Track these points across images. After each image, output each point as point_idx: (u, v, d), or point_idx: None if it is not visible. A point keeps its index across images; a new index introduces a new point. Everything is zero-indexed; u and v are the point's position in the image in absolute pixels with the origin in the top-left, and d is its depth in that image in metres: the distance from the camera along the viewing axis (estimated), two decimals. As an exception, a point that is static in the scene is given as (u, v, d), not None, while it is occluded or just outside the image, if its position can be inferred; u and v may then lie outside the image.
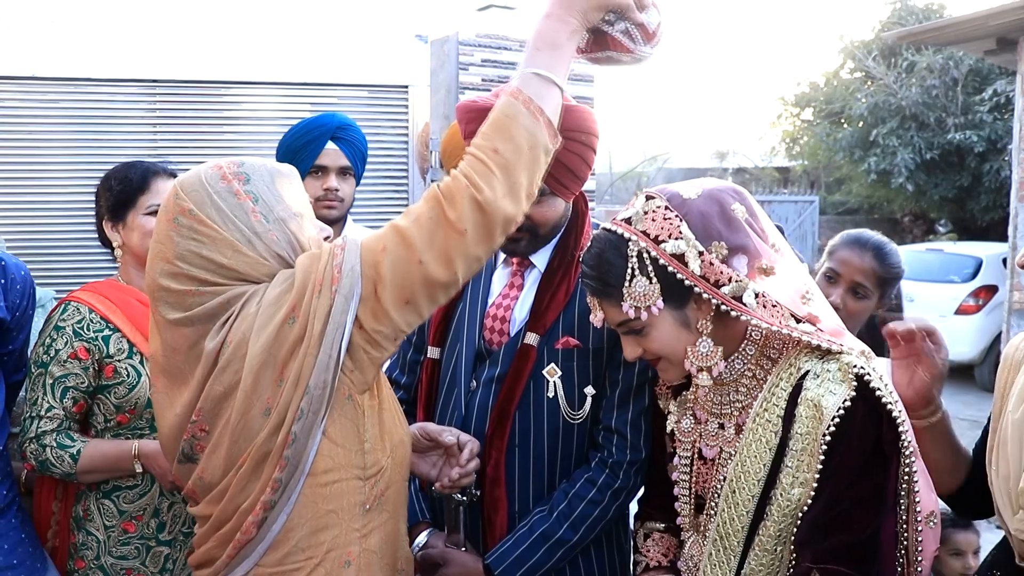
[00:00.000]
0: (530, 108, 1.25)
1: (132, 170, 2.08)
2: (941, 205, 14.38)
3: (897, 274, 2.26)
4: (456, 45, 3.45)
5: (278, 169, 1.36)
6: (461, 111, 1.64)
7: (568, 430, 1.67)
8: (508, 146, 1.23)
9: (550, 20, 1.33)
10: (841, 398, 1.29)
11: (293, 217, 1.33)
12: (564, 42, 1.32)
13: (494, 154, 1.22)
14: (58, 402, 1.95)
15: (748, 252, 1.35)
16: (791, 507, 1.33)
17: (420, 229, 1.22)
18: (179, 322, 1.29)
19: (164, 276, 1.29)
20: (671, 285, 1.34)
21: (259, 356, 1.23)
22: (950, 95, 13.22)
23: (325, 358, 1.22)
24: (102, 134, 3.02)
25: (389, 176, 3.31)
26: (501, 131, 1.24)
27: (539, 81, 1.28)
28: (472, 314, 1.76)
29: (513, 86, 1.27)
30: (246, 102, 3.22)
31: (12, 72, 2.95)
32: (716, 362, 1.38)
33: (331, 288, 1.22)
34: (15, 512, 1.91)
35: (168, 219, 1.30)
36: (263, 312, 1.24)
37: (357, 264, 1.23)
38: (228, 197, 1.29)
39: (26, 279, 1.98)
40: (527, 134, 1.25)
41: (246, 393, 1.24)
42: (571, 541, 1.63)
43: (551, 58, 1.30)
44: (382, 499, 1.37)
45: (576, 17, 1.34)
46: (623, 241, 1.37)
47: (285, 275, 1.28)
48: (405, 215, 1.26)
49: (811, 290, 1.43)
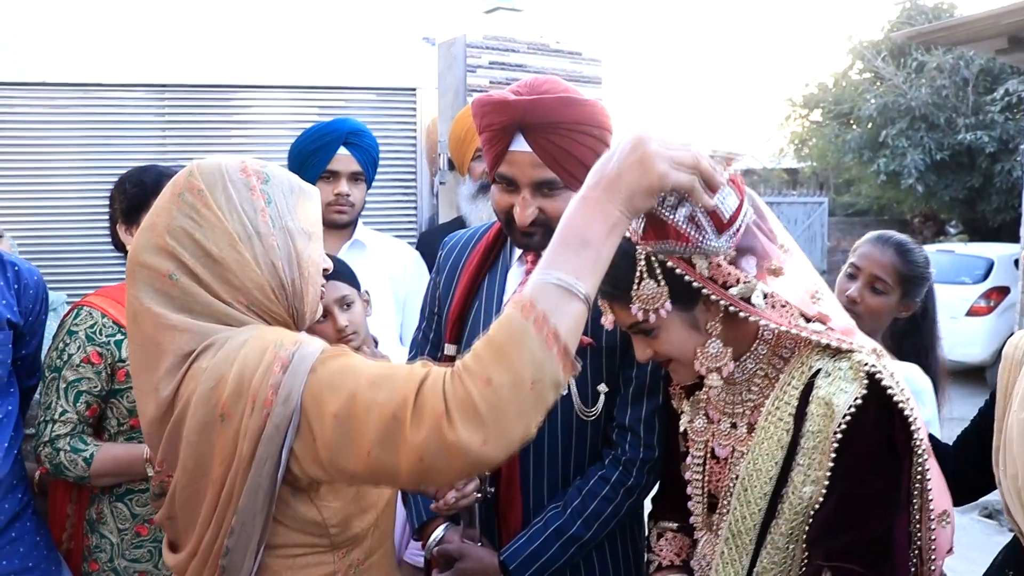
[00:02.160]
0: (543, 331, 0.97)
1: (146, 174, 2.09)
2: (952, 206, 14.32)
3: (920, 274, 2.19)
4: (464, 48, 3.45)
5: (301, 185, 1.28)
6: (476, 105, 1.64)
7: (581, 427, 1.67)
8: (505, 378, 0.95)
9: (586, 207, 1.06)
10: (852, 396, 1.29)
11: (302, 233, 1.24)
12: (600, 237, 1.04)
13: (485, 387, 0.96)
14: (71, 406, 1.96)
15: (756, 253, 1.35)
16: (803, 505, 1.32)
17: (377, 421, 1.00)
18: (154, 315, 1.17)
19: (147, 250, 1.19)
20: (679, 287, 1.34)
21: (194, 438, 1.12)
22: (960, 95, 13.17)
23: (254, 486, 1.08)
24: (111, 139, 3.04)
25: (397, 179, 3.32)
26: (500, 357, 0.97)
27: (559, 293, 0.99)
28: (488, 311, 1.76)
29: (527, 296, 0.99)
30: (254, 106, 3.23)
31: (22, 78, 2.97)
32: (726, 363, 1.37)
33: (263, 411, 1.06)
34: (30, 515, 1.92)
35: (173, 192, 1.21)
36: (204, 383, 1.11)
37: (297, 394, 1.05)
38: (242, 189, 1.21)
39: (39, 284, 2.00)
40: (533, 366, 0.96)
41: (186, 470, 1.14)
42: (584, 538, 1.64)
43: (579, 260, 1.02)
44: (360, 568, 1.26)
45: (619, 206, 1.05)
46: (631, 244, 1.38)
47: (234, 345, 1.13)
48: (372, 384, 1.03)
49: (821, 290, 1.43)
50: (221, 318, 1.18)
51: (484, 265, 1.81)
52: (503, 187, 1.66)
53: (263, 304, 1.20)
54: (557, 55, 3.70)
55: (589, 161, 1.61)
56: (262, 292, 1.20)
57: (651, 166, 1.06)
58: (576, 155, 1.58)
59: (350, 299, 2.20)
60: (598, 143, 1.61)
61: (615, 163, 1.08)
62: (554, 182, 1.60)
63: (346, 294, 2.19)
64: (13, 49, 2.96)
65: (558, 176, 1.59)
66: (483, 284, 1.79)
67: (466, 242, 1.89)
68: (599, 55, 3.81)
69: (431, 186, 3.36)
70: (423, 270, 2.73)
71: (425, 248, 2.86)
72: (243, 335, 1.15)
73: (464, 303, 1.79)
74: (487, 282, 1.79)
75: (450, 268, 1.87)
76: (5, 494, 1.85)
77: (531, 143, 1.57)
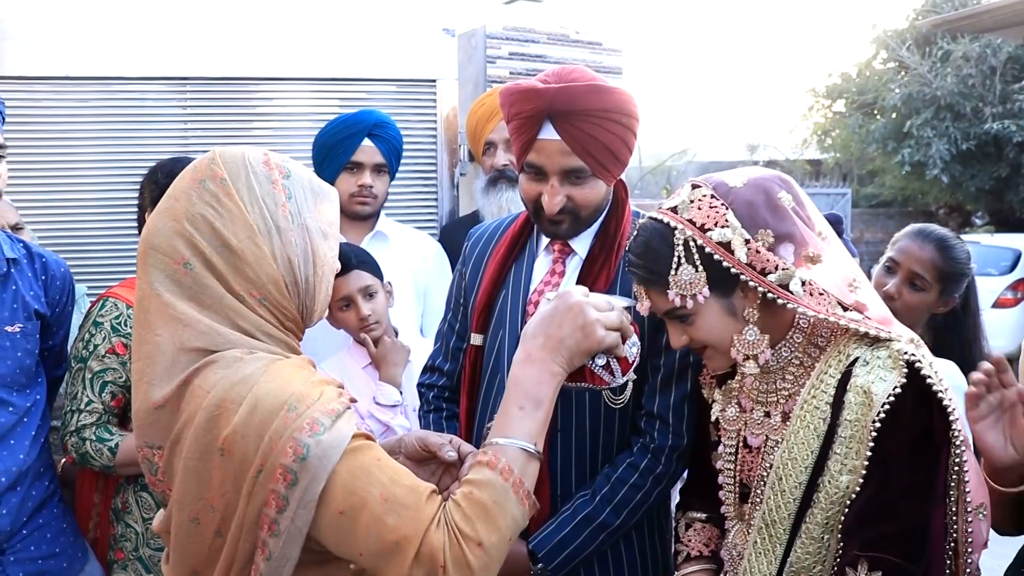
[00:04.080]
0: (519, 493, 1.13)
1: (179, 164, 2.10)
2: (978, 197, 14.11)
3: (961, 270, 2.14)
4: (484, 39, 3.44)
5: (321, 185, 1.27)
6: (505, 94, 1.64)
7: (610, 415, 1.66)
8: (494, 539, 1.10)
9: (534, 368, 1.20)
10: (891, 384, 1.27)
11: (319, 232, 1.23)
12: (549, 396, 1.20)
13: (478, 549, 1.08)
14: (97, 396, 1.98)
15: (795, 240, 1.34)
16: (839, 494, 1.31)
17: (377, 539, 1.08)
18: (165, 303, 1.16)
19: (162, 234, 1.17)
20: (717, 273, 1.33)
21: (193, 463, 1.11)
22: (987, 84, 12.95)
23: (282, 558, 1.09)
24: (133, 132, 3.05)
25: (417, 170, 3.31)
26: (489, 520, 1.10)
27: (526, 457, 1.15)
28: (515, 301, 1.76)
29: (503, 461, 1.13)
30: (275, 98, 3.23)
31: (45, 72, 2.99)
32: (763, 350, 1.37)
33: (275, 494, 1.07)
34: (56, 502, 1.95)
35: (194, 179, 1.19)
36: (205, 409, 1.10)
37: (316, 495, 1.08)
38: (264, 182, 1.20)
39: (65, 275, 2.02)
40: (513, 524, 1.13)
41: (186, 491, 1.12)
42: (613, 525, 1.64)
43: (535, 422, 1.18)
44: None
45: (561, 364, 1.22)
46: (669, 230, 1.37)
47: (243, 376, 1.11)
48: (384, 503, 1.09)
49: (858, 278, 1.41)
50: (229, 315, 1.16)
51: (511, 254, 1.81)
52: (531, 175, 1.66)
53: (275, 298, 1.19)
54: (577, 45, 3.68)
55: (617, 149, 1.62)
56: (276, 287, 1.19)
57: (591, 331, 1.23)
58: (604, 143, 1.59)
59: (373, 289, 2.20)
60: (626, 131, 1.61)
61: (557, 327, 1.23)
62: (582, 170, 1.61)
63: (369, 284, 2.19)
64: (35, 43, 2.99)
65: (586, 164, 1.60)
66: (510, 273, 1.79)
67: (492, 232, 1.89)
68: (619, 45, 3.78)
69: (451, 178, 3.35)
70: (444, 262, 2.73)
71: (445, 241, 2.86)
72: (250, 366, 1.13)
73: (491, 292, 1.79)
74: (514, 271, 1.79)
75: (476, 258, 1.87)
76: (33, 481, 1.87)
77: (560, 131, 1.57)
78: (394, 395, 2.16)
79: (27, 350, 1.89)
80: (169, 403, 1.14)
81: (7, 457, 1.81)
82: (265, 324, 1.19)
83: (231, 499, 1.10)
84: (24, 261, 1.94)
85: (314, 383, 1.14)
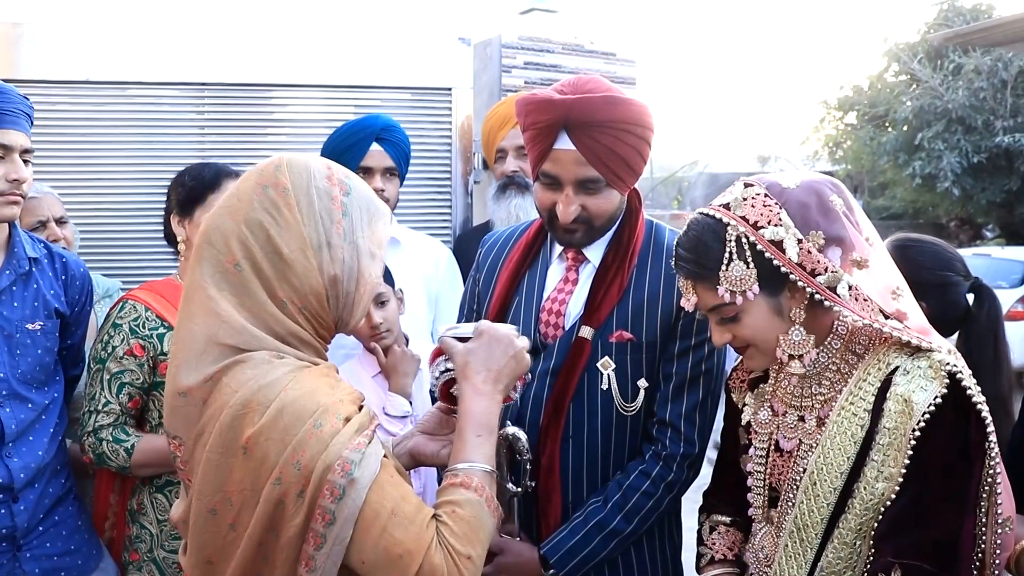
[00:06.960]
0: (491, 506, 1.27)
1: (207, 169, 2.13)
2: (988, 209, 14.07)
3: (926, 277, 1.94)
4: (499, 48, 3.47)
5: (378, 206, 1.31)
6: (520, 104, 1.66)
7: (621, 422, 1.67)
8: (478, 550, 1.23)
9: (483, 400, 1.33)
10: (932, 395, 1.28)
11: (368, 252, 1.27)
12: (496, 423, 1.35)
13: (468, 562, 1.20)
14: (114, 397, 1.99)
15: (844, 244, 1.35)
16: (874, 501, 1.31)
17: (384, 550, 1.16)
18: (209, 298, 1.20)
19: (220, 232, 1.22)
20: (767, 271, 1.33)
21: (215, 456, 1.16)
22: (998, 97, 12.94)
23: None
24: (151, 135, 3.08)
25: (432, 177, 3.33)
26: (474, 535, 1.22)
27: (489, 477, 1.29)
28: (528, 308, 1.77)
29: (475, 480, 1.26)
30: (292, 104, 3.26)
31: (66, 76, 3.03)
32: (808, 350, 1.37)
33: (321, 517, 1.13)
34: (72, 500, 1.97)
35: (259, 183, 1.23)
36: (231, 408, 1.15)
37: (355, 514, 1.15)
38: (324, 197, 1.23)
39: (84, 276, 2.05)
40: (489, 535, 1.27)
41: (206, 482, 1.17)
42: (625, 532, 1.64)
43: (488, 447, 1.31)
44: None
45: (502, 391, 1.37)
46: (721, 226, 1.37)
47: (271, 380, 1.16)
48: (393, 516, 1.16)
49: (901, 286, 1.41)
50: (267, 320, 1.20)
51: (525, 262, 1.82)
52: (546, 184, 1.67)
53: (315, 309, 1.23)
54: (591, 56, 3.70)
55: (632, 160, 1.64)
56: (318, 299, 1.23)
57: (522, 358, 1.40)
58: (620, 153, 1.60)
59: (385, 296, 2.20)
60: (640, 142, 1.62)
61: (496, 360, 1.37)
62: (597, 180, 1.62)
63: (381, 291, 2.19)
64: (54, 47, 3.02)
65: (601, 174, 1.61)
66: (523, 280, 1.80)
67: (506, 239, 1.91)
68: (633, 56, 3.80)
69: (465, 185, 3.37)
70: (456, 269, 2.74)
71: (459, 250, 2.87)
72: (278, 370, 1.17)
73: (504, 299, 1.80)
74: (527, 278, 1.80)
75: (490, 265, 1.88)
76: (50, 479, 1.89)
77: (575, 141, 1.59)
78: (404, 406, 2.15)
79: (47, 348, 1.91)
80: (193, 394, 1.18)
81: (26, 453, 1.84)
82: (300, 330, 1.23)
83: (248, 497, 1.15)
84: (45, 261, 1.97)
85: (339, 400, 1.19)
